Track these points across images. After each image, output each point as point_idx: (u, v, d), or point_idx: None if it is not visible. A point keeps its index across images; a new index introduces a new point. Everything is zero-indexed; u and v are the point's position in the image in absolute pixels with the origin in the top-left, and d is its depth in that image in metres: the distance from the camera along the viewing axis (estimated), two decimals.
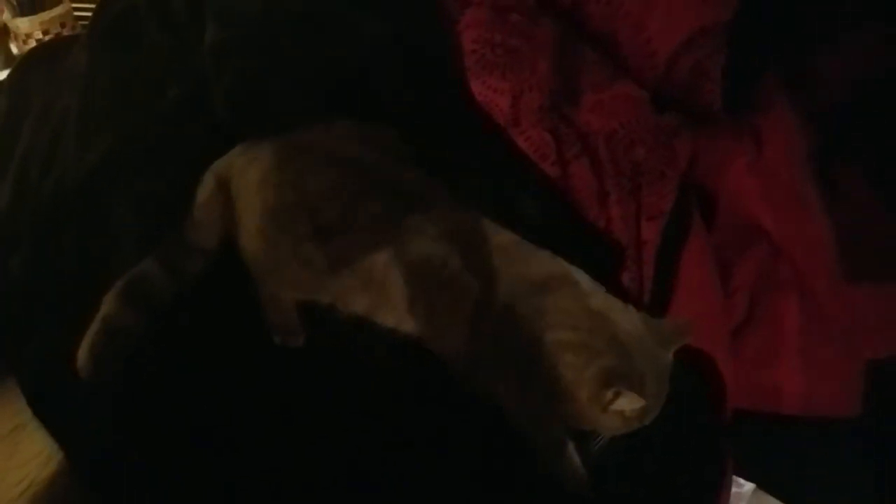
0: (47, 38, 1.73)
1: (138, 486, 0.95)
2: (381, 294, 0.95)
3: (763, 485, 1.14)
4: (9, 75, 1.37)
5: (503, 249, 0.95)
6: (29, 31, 1.73)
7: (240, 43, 1.21)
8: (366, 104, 1.14)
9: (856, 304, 1.10)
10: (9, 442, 1.06)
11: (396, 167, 1.01)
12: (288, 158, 0.99)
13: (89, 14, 1.76)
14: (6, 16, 1.75)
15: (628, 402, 0.85)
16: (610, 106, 1.23)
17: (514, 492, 0.94)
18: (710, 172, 1.22)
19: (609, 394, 0.84)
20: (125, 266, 1.00)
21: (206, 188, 1.03)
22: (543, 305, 0.91)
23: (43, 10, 1.74)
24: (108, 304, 0.95)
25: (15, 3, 1.74)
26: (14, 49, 1.78)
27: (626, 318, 0.90)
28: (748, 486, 1.15)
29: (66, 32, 1.75)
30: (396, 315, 0.95)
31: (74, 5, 1.81)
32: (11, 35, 1.77)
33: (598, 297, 0.92)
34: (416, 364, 0.97)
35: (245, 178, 0.99)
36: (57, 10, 1.75)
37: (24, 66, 1.36)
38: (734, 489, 1.10)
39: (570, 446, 0.93)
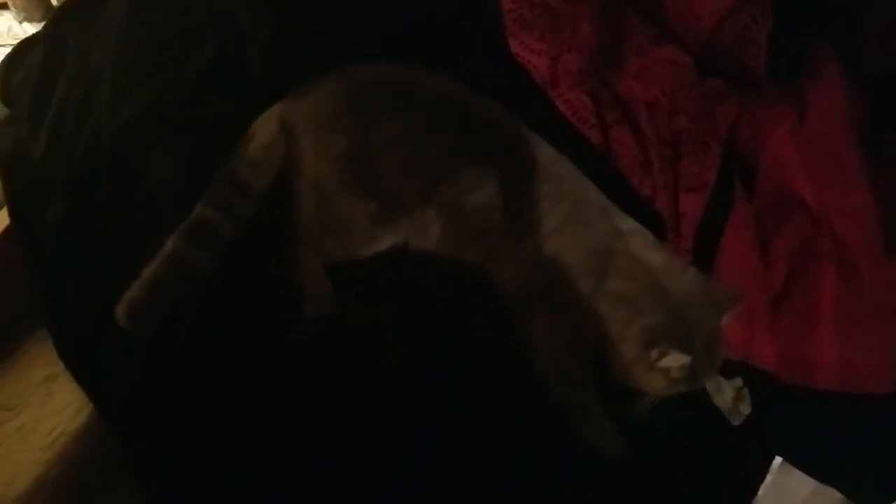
0: None
1: (168, 438, 0.97)
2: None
3: (791, 459, 1.12)
4: (45, 25, 1.36)
5: (577, 201, 0.96)
6: None
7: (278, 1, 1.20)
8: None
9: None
10: (42, 391, 1.08)
11: (464, 97, 1.01)
12: (359, 99, 0.98)
13: None
14: None
15: (674, 360, 0.85)
16: (654, 71, 1.21)
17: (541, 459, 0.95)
18: (751, 140, 1.20)
19: (654, 352, 0.85)
20: (162, 219, 1.01)
21: (268, 130, 1.02)
22: (616, 248, 0.93)
23: None
24: (172, 244, 0.96)
25: None
26: (54, 1, 1.76)
27: (683, 280, 0.90)
28: (775, 460, 1.14)
29: None
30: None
31: None
32: None
33: (663, 254, 0.93)
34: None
35: (314, 121, 0.99)
36: None
37: (61, 17, 1.34)
38: None
39: (601, 410, 0.93)
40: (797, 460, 1.11)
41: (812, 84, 1.19)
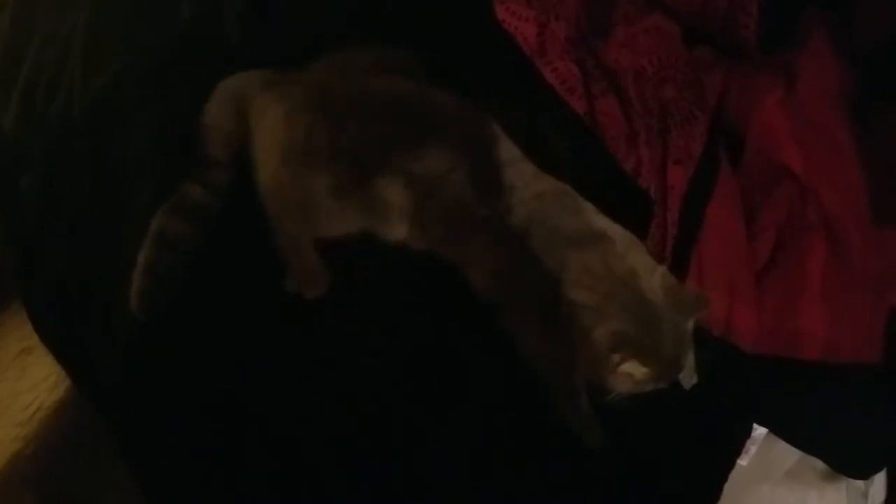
0: None
1: (149, 412, 0.95)
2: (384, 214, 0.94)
3: (776, 430, 1.13)
4: None
5: (547, 196, 0.94)
6: None
7: None
8: (387, 27, 1.11)
9: (884, 249, 1.08)
10: (16, 365, 1.06)
11: (426, 95, 0.99)
12: (315, 97, 0.96)
13: None
14: None
15: (634, 367, 0.86)
16: (641, 40, 1.19)
17: (529, 441, 0.95)
18: (740, 110, 1.19)
19: (615, 357, 0.86)
20: (138, 189, 0.99)
21: (217, 106, 1.00)
22: (569, 260, 0.91)
23: None
24: (157, 221, 0.94)
25: None
26: None
27: (650, 284, 0.90)
28: (760, 431, 1.15)
29: None
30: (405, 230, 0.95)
31: None
32: None
33: (627, 260, 0.92)
34: (440, 301, 0.96)
35: (267, 116, 0.96)
36: None
37: None
38: None
39: (584, 398, 0.94)
40: (781, 431, 1.12)
41: (801, 54, 1.19)
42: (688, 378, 0.97)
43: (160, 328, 0.92)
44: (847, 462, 1.11)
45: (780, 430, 1.12)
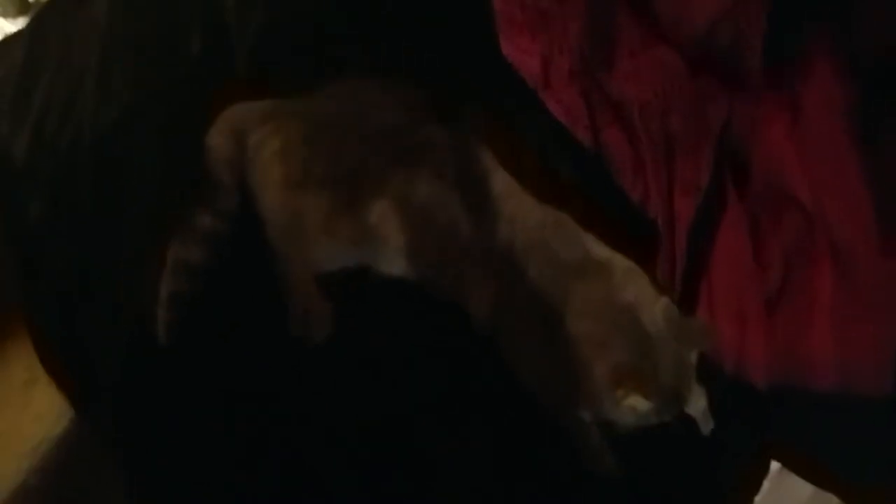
0: None
1: (155, 439, 0.95)
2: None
3: (787, 464, 1.11)
4: (28, 24, 1.35)
5: (547, 227, 0.94)
6: None
7: None
8: (396, 59, 1.12)
9: (894, 276, 1.07)
10: (22, 395, 1.06)
11: (426, 131, 0.99)
12: (312, 131, 0.98)
13: None
14: None
15: (639, 401, 0.85)
16: (646, 73, 1.20)
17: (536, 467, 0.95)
18: (744, 139, 1.18)
19: (620, 391, 0.85)
20: (148, 218, 1.02)
21: (219, 134, 1.02)
22: (570, 291, 0.91)
23: None
24: (173, 252, 0.96)
25: None
26: None
27: (654, 315, 0.89)
28: (773, 466, 1.13)
29: None
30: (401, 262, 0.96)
31: None
32: None
33: (630, 290, 0.91)
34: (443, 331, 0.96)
35: (265, 150, 0.98)
36: None
37: (45, 15, 1.33)
38: None
39: (593, 427, 0.92)
40: (794, 465, 1.10)
41: (805, 80, 1.18)
42: (704, 423, 0.96)
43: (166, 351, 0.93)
44: (863, 497, 1.09)
45: (792, 463, 1.10)
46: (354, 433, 0.92)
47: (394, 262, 0.95)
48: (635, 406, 0.86)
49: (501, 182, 0.96)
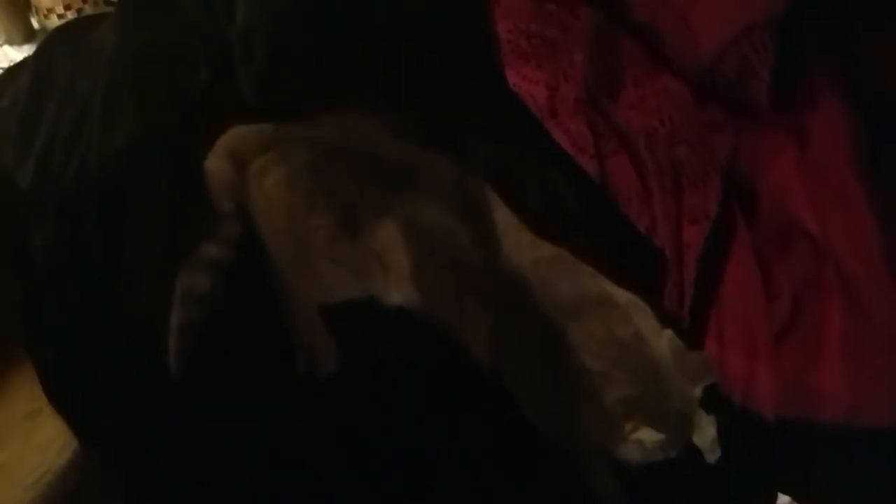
0: (69, 13, 1.69)
1: (160, 472, 0.94)
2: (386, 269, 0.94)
3: (797, 497, 1.10)
4: (34, 52, 1.34)
5: (542, 264, 0.93)
6: (51, 5, 1.68)
7: (270, 27, 1.18)
8: (399, 89, 1.12)
9: None
10: (25, 426, 1.04)
11: (430, 163, 0.99)
12: (317, 160, 0.98)
13: None
14: None
15: (647, 435, 0.84)
16: (651, 101, 1.20)
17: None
18: (751, 169, 1.19)
19: (628, 425, 0.84)
20: (152, 248, 1.00)
21: (217, 159, 1.01)
22: (571, 327, 0.90)
23: None
24: (182, 282, 0.94)
25: None
26: (35, 23, 1.74)
27: (657, 349, 0.88)
28: (783, 500, 1.12)
29: (88, 8, 1.71)
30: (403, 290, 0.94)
31: None
32: (33, 9, 1.73)
33: (633, 324, 0.90)
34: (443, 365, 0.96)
35: (268, 178, 0.97)
36: None
37: (50, 43, 1.33)
38: None
39: (599, 459, 0.91)
40: (802, 497, 1.09)
41: (811, 113, 1.19)
42: (711, 452, 0.95)
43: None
44: None
45: (802, 497, 1.09)
46: (363, 469, 0.92)
47: (397, 289, 0.95)
48: (643, 440, 0.85)
49: (503, 218, 0.96)
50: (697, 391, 0.88)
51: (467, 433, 0.95)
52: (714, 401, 0.92)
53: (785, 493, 1.09)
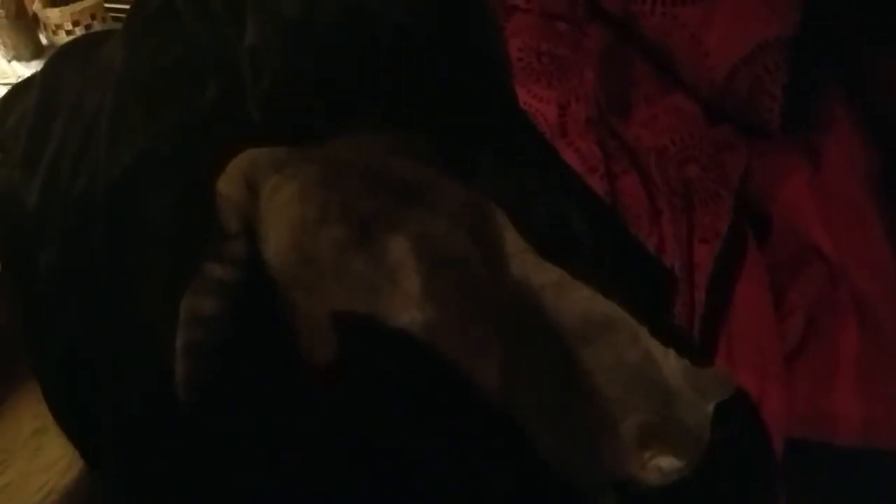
0: (77, 29, 1.71)
1: (166, 491, 0.93)
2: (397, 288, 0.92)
3: None
4: (42, 69, 1.34)
5: (548, 288, 0.92)
6: (59, 21, 1.70)
7: (279, 47, 1.18)
8: (409, 109, 1.12)
9: None
10: (30, 445, 1.04)
11: (441, 185, 0.99)
12: (329, 175, 0.97)
13: (120, 6, 1.76)
14: (37, 5, 1.73)
15: (666, 462, 0.82)
16: (662, 120, 1.20)
17: None
18: (764, 190, 1.19)
19: (647, 453, 0.82)
20: (158, 268, 0.99)
21: (228, 181, 1.00)
22: (580, 354, 0.87)
23: (74, 0, 1.72)
24: (186, 304, 0.93)
25: None
26: (44, 40, 1.76)
27: (667, 370, 0.86)
28: None
29: (96, 24, 1.73)
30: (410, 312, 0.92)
31: None
32: (41, 25, 1.75)
33: (640, 348, 0.88)
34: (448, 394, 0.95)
35: (281, 194, 0.97)
36: (88, 2, 1.72)
37: (58, 60, 1.33)
38: None
39: (612, 494, 0.90)
40: None
41: (824, 133, 1.19)
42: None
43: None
44: None
45: None
46: (369, 487, 0.91)
47: (405, 307, 0.94)
48: (662, 466, 0.84)
49: (511, 242, 0.95)
50: (710, 408, 0.87)
51: (466, 443, 0.93)
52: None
53: None
